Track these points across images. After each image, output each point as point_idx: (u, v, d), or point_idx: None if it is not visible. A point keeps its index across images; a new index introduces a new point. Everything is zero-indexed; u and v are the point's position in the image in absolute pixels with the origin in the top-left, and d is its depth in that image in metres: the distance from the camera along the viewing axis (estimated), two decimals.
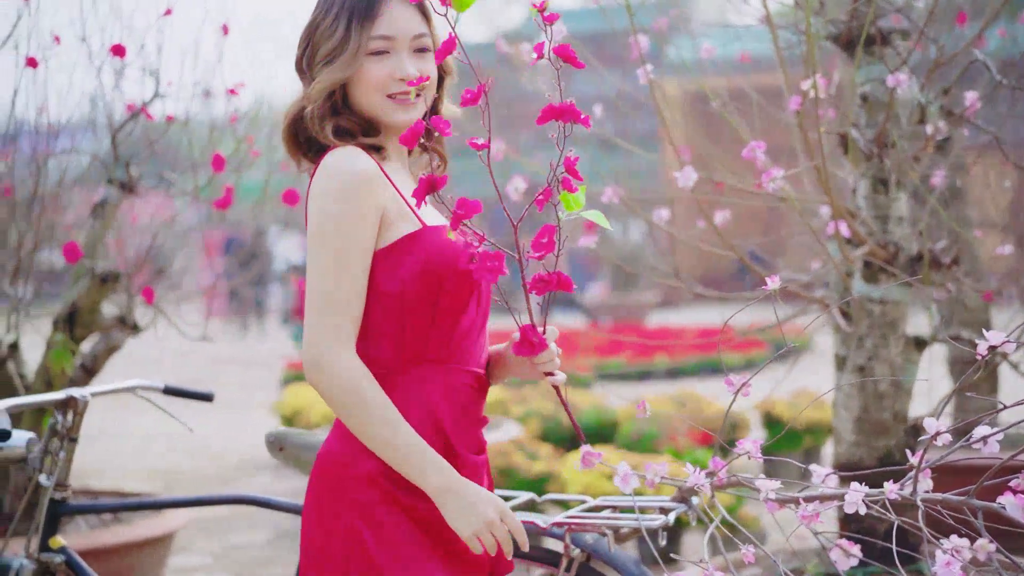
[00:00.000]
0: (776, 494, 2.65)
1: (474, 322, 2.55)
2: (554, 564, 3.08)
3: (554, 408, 9.14)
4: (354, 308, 2.43)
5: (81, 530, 5.42)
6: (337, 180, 2.43)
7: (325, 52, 2.52)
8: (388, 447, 2.39)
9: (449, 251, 2.46)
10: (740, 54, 5.41)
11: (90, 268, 5.28)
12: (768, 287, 2.53)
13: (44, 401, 3.48)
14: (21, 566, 3.47)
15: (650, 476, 2.78)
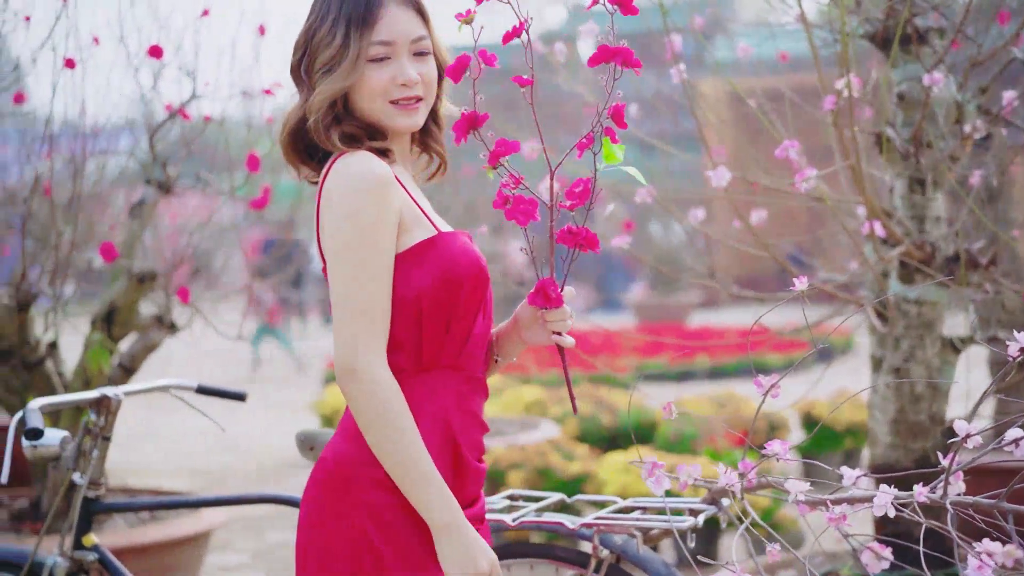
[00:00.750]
0: (806, 496, 2.63)
1: (483, 329, 2.55)
2: (583, 565, 3.08)
3: (592, 408, 9.12)
4: (384, 312, 2.40)
5: (119, 528, 5.45)
6: (356, 183, 2.41)
7: (324, 60, 2.49)
8: (403, 468, 2.36)
9: (465, 258, 2.47)
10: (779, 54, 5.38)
11: (127, 268, 5.31)
12: (797, 287, 2.50)
13: (77, 400, 3.50)
14: (55, 564, 3.50)
15: (682, 478, 2.76)
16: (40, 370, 5.29)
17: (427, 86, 2.54)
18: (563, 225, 2.44)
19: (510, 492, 3.33)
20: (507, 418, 9.05)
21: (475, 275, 2.47)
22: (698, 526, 2.93)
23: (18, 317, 5.16)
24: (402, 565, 2.43)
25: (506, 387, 10.54)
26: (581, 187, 2.43)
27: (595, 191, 2.42)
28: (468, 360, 2.51)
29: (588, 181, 2.42)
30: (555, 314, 2.51)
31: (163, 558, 5.23)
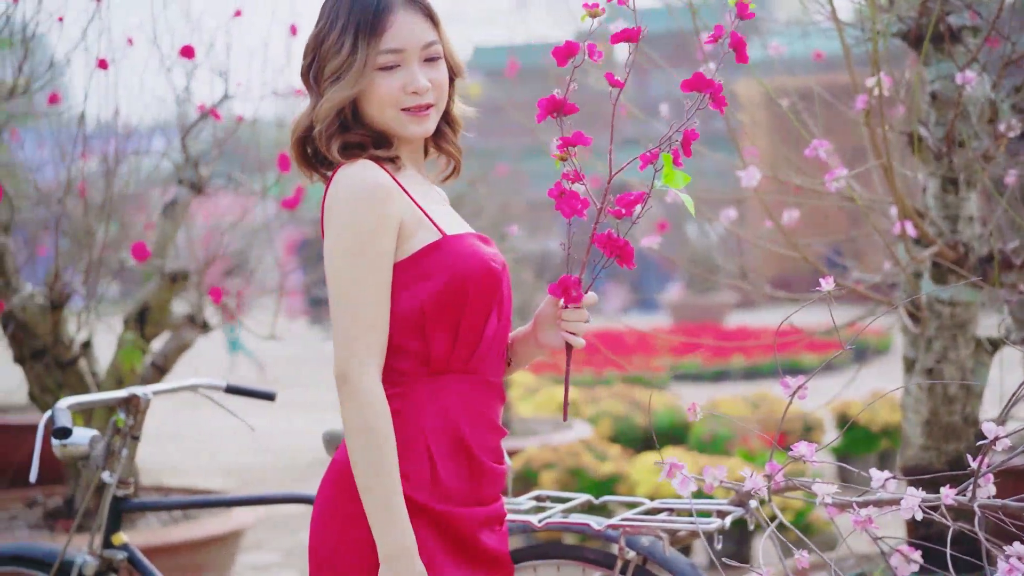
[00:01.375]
0: (833, 498, 2.60)
1: (497, 332, 2.53)
2: (610, 567, 3.06)
3: (626, 409, 9.10)
4: (380, 322, 2.41)
5: (151, 527, 5.48)
6: (352, 193, 2.41)
7: (332, 69, 2.47)
8: (370, 486, 2.36)
9: (472, 260, 2.46)
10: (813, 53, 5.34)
11: (160, 267, 5.33)
12: (823, 288, 2.48)
13: (106, 400, 3.51)
14: (84, 562, 3.51)
15: (708, 480, 2.74)
16: (73, 369, 5.32)
17: (438, 91, 2.53)
18: (606, 230, 2.43)
19: (537, 493, 3.32)
20: (540, 418, 9.06)
21: (482, 277, 2.45)
22: (725, 528, 2.91)
23: (52, 316, 5.19)
24: None
25: (540, 387, 10.54)
26: (634, 198, 2.42)
27: (645, 206, 2.41)
28: (481, 364, 2.50)
29: (642, 195, 2.42)
30: (572, 313, 2.49)
31: (194, 557, 5.25)
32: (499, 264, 2.54)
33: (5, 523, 5.54)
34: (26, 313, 5.16)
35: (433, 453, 2.45)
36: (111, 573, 3.55)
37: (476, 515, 2.50)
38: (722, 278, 5.48)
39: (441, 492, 2.46)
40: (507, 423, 8.39)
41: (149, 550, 4.95)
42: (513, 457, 7.01)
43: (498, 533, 2.58)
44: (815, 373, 2.71)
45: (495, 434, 2.56)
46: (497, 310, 2.52)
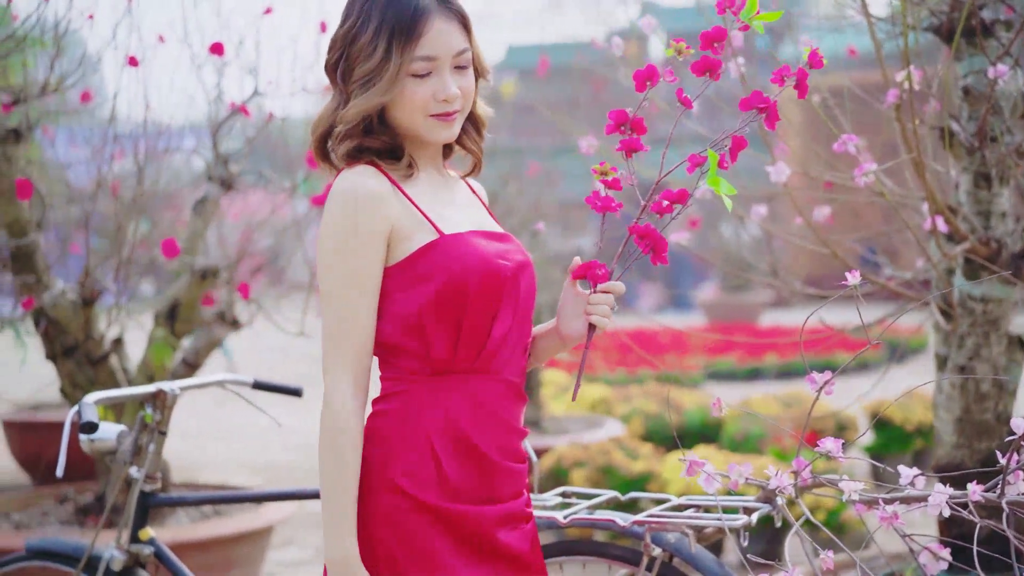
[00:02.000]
0: (860, 495, 2.58)
1: (510, 330, 2.51)
2: (636, 564, 3.04)
3: (658, 408, 9.07)
4: (357, 332, 2.43)
5: (181, 523, 5.49)
6: (338, 201, 2.43)
7: (363, 72, 2.44)
8: (328, 495, 2.41)
9: (470, 258, 2.44)
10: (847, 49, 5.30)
11: (190, 264, 5.35)
12: (849, 282, 2.46)
13: (133, 394, 3.52)
14: (112, 557, 3.52)
15: (733, 477, 2.71)
16: (104, 366, 5.35)
17: (466, 98, 2.53)
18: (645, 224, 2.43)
19: (563, 489, 3.30)
20: (572, 416, 9.04)
21: (484, 276, 2.44)
22: (751, 524, 2.88)
23: (83, 313, 5.21)
24: (418, 568, 2.43)
25: (570, 385, 10.50)
26: (676, 194, 2.43)
27: (687, 205, 2.42)
28: (491, 362, 2.49)
29: (684, 192, 2.43)
30: (598, 297, 2.48)
31: (225, 553, 5.26)
32: (510, 262, 2.51)
33: (37, 519, 5.57)
34: (57, 310, 5.18)
35: (437, 452, 2.45)
36: (138, 568, 3.56)
37: (489, 513, 2.48)
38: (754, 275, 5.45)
39: (449, 490, 2.45)
40: (538, 422, 8.40)
41: (179, 546, 4.99)
42: (544, 455, 7.00)
43: (520, 531, 2.55)
44: (843, 369, 2.68)
45: (510, 433, 2.53)
46: (511, 308, 2.50)
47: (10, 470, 9.71)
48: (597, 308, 2.48)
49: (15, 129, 5.05)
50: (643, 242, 2.43)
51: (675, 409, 9.07)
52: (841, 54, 5.09)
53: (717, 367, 14.50)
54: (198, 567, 5.11)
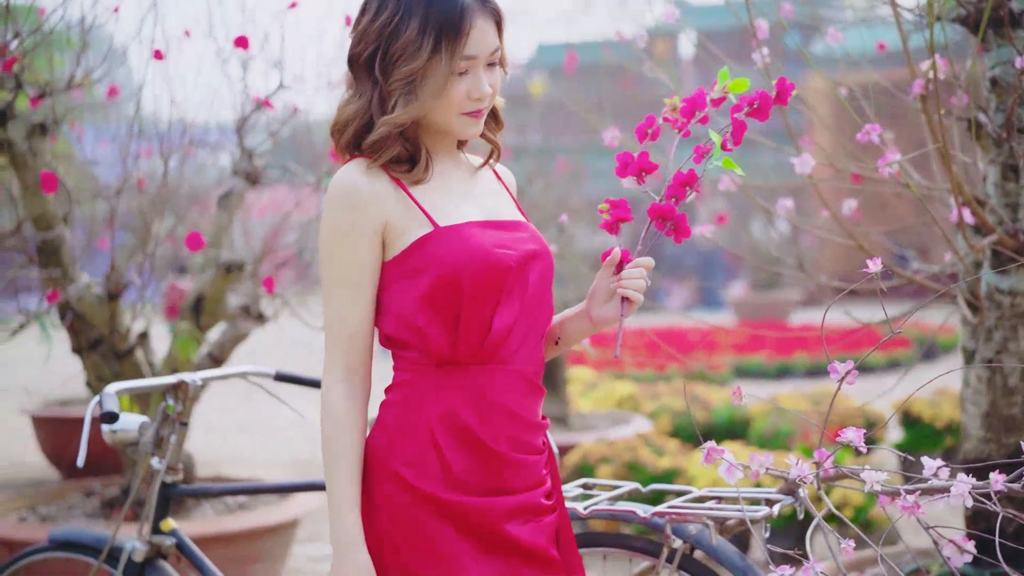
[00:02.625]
0: (882, 486, 2.55)
1: (516, 321, 2.49)
2: (656, 555, 3.02)
3: (685, 404, 9.04)
4: (348, 329, 2.46)
5: (207, 516, 5.50)
6: (330, 199, 2.46)
7: (409, 71, 2.41)
8: (329, 481, 2.44)
9: (468, 249, 2.42)
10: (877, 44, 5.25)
11: (215, 258, 5.35)
12: (871, 269, 2.43)
13: (155, 385, 3.52)
14: (133, 548, 3.52)
15: (754, 467, 2.69)
16: (130, 359, 5.36)
17: (494, 95, 2.53)
18: None
19: (584, 481, 3.28)
20: (599, 413, 9.02)
21: (481, 266, 2.42)
22: (773, 516, 2.86)
23: (109, 307, 5.23)
24: (420, 558, 2.43)
25: (599, 382, 10.49)
26: (686, 175, 2.46)
27: (697, 184, 2.45)
28: (495, 353, 2.47)
29: (692, 173, 2.46)
30: (630, 272, 2.48)
31: (249, 547, 5.27)
32: (515, 251, 2.49)
33: (64, 512, 5.59)
34: (83, 304, 5.20)
35: (439, 443, 2.45)
36: (160, 558, 3.56)
37: (498, 505, 2.46)
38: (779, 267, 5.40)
39: (453, 482, 2.44)
40: (564, 418, 8.39)
41: (204, 539, 5.00)
42: (569, 451, 6.98)
43: (535, 524, 2.52)
44: (864, 358, 2.65)
45: (520, 425, 2.51)
46: (517, 298, 2.49)
47: (40, 465, 9.77)
48: (630, 282, 2.48)
49: (41, 123, 5.07)
50: (663, 222, 2.45)
51: (703, 406, 9.03)
52: (871, 49, 5.05)
53: (746, 365, 14.46)
54: (222, 560, 5.12)
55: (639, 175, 2.48)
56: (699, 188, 2.45)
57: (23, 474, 9.60)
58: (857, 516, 6.06)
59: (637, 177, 2.48)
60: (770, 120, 2.57)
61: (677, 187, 2.45)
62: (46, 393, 9.65)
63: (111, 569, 3.58)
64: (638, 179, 2.48)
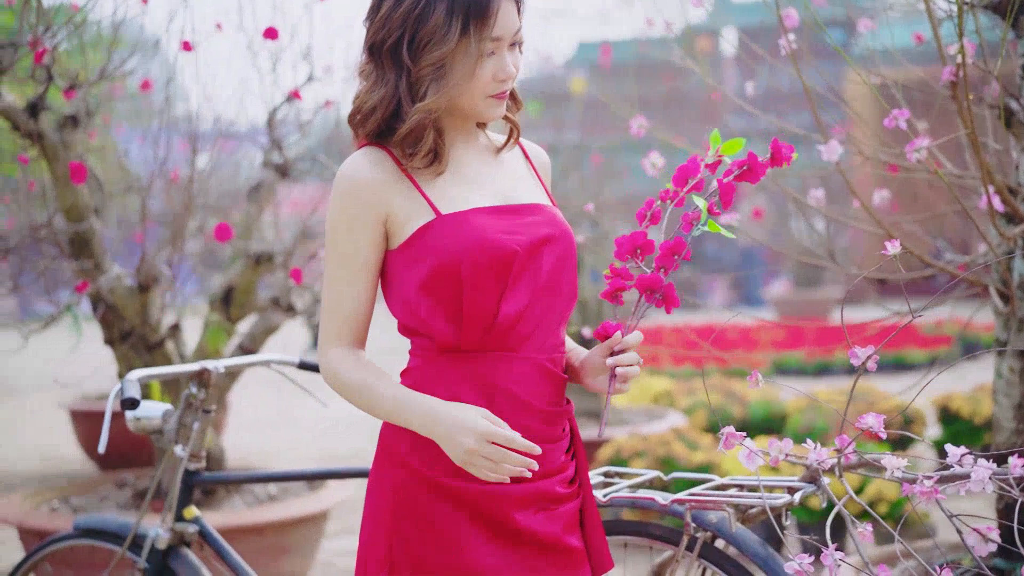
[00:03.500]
0: (903, 472, 2.51)
1: (528, 307, 2.46)
2: (677, 543, 2.98)
3: (722, 400, 8.99)
4: (343, 309, 2.48)
5: (237, 508, 5.51)
6: (336, 186, 2.47)
7: (438, 57, 2.38)
8: (381, 412, 2.44)
9: (468, 236, 2.40)
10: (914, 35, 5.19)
11: (245, 249, 5.36)
12: (888, 251, 2.39)
13: (177, 372, 3.52)
14: (156, 535, 3.53)
15: (773, 453, 2.66)
16: (161, 351, 5.38)
17: (517, 76, 2.51)
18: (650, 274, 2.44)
19: (606, 469, 3.26)
20: (634, 408, 8.99)
21: (479, 253, 2.39)
22: (794, 503, 2.82)
23: (140, 298, 5.25)
24: (430, 546, 2.41)
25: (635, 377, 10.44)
26: (673, 243, 2.47)
27: (686, 254, 2.46)
28: (505, 341, 2.44)
29: (679, 240, 2.45)
30: (622, 357, 2.47)
31: (280, 538, 5.27)
32: (525, 236, 2.46)
33: (95, 504, 5.62)
34: (115, 295, 5.22)
35: None
36: (183, 546, 3.57)
37: (505, 492, 2.43)
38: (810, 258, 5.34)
39: (458, 467, 2.41)
40: (599, 413, 8.35)
41: (235, 530, 5.02)
42: (603, 446, 6.95)
43: (549, 513, 2.49)
44: (885, 343, 2.62)
45: (530, 413, 2.47)
46: (527, 284, 2.45)
47: (78, 458, 9.84)
48: (623, 365, 2.47)
49: (72, 116, 5.09)
50: (652, 294, 2.44)
51: (739, 401, 8.98)
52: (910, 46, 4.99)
53: (785, 362, 14.38)
54: (253, 552, 5.14)
55: (635, 254, 2.47)
56: (688, 255, 2.44)
57: (61, 467, 9.67)
58: (892, 511, 6.01)
59: (633, 256, 2.47)
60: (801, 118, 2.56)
61: (666, 257, 2.44)
62: (81, 387, 9.72)
63: (135, 556, 3.59)
64: (635, 258, 2.47)
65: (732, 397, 9.11)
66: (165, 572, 3.55)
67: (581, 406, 8.34)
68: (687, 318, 22.20)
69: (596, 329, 2.51)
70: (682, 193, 2.46)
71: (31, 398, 14.69)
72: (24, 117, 4.96)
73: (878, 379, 12.31)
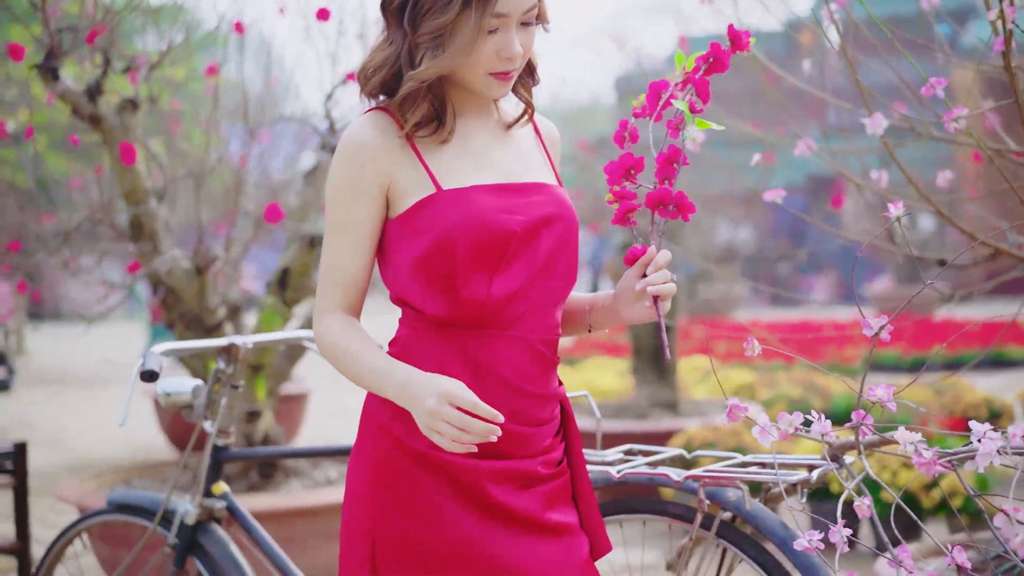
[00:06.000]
0: (916, 447, 2.41)
1: (523, 287, 2.39)
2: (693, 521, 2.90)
3: (802, 392, 8.83)
4: (342, 276, 2.43)
5: (295, 490, 5.52)
6: (338, 152, 2.41)
7: (437, 26, 2.31)
8: (365, 381, 2.39)
9: (465, 213, 2.34)
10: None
11: (299, 231, 5.36)
12: (891, 215, 2.30)
13: (204, 347, 3.51)
14: (186, 511, 3.53)
15: (783, 426, 2.57)
16: (218, 334, 5.40)
17: (526, 56, 2.42)
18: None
19: (628, 447, 3.18)
20: (713, 400, 8.87)
21: (476, 231, 2.33)
22: (811, 481, 2.72)
23: (197, 280, 5.27)
24: (412, 517, 2.36)
25: (717, 369, 10.32)
26: (668, 152, 2.39)
27: (683, 159, 2.38)
28: (496, 319, 2.38)
29: (675, 150, 2.38)
30: (655, 276, 2.39)
31: (335, 522, 5.26)
32: (524, 216, 2.39)
33: (158, 485, 5.66)
34: (172, 277, 5.25)
35: None
36: (212, 522, 3.56)
37: (484, 467, 2.37)
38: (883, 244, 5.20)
39: None
40: (675, 404, 8.25)
41: (291, 513, 5.02)
42: (674, 436, 6.86)
43: (532, 492, 2.43)
44: (899, 311, 2.52)
45: (517, 394, 2.41)
46: (523, 264, 2.39)
47: (163, 446, 9.98)
48: (656, 288, 2.39)
49: (132, 99, 5.13)
50: (664, 208, 2.38)
51: (821, 395, 8.82)
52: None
53: (879, 358, 14.12)
54: (307, 534, 5.14)
55: (628, 175, 2.40)
56: (686, 160, 2.37)
57: (148, 455, 9.81)
58: (967, 504, 5.84)
59: (627, 178, 2.40)
60: None
61: (664, 167, 2.37)
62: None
63: (165, 532, 3.59)
64: (629, 179, 2.40)
65: (813, 390, 8.95)
66: (194, 548, 3.55)
67: (657, 397, 8.25)
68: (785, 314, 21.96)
69: (624, 255, 2.45)
70: (657, 109, 2.39)
71: (121, 389, 14.97)
72: (83, 100, 5.01)
73: (976, 375, 12.03)
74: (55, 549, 3.87)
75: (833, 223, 14.83)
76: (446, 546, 2.36)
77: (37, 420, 12.82)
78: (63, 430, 11.98)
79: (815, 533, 2.37)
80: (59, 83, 4.89)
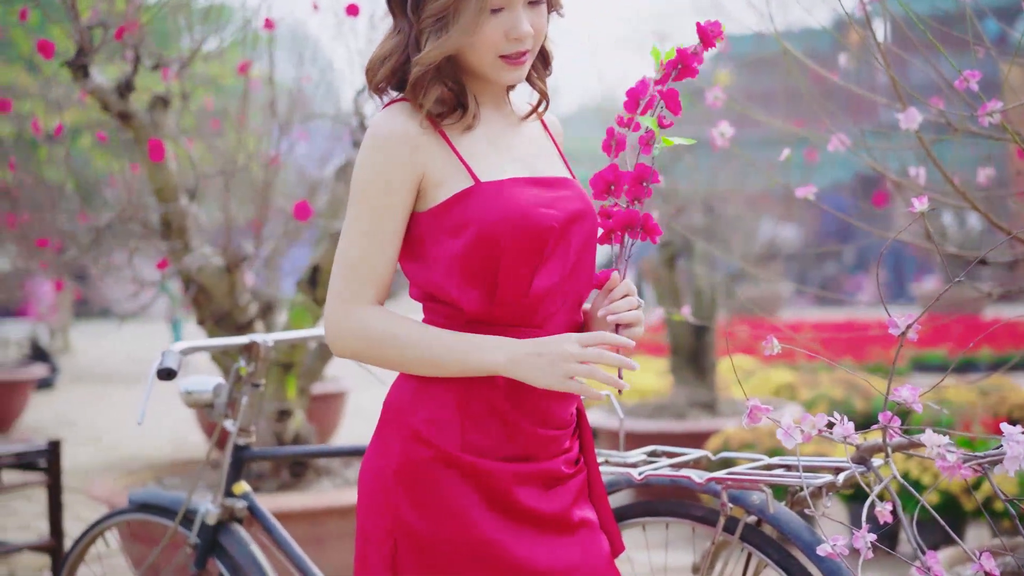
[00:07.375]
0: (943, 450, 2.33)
1: (556, 285, 2.33)
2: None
3: (844, 393, 8.72)
4: (375, 270, 2.30)
5: (325, 490, 5.49)
6: (368, 141, 2.32)
7: (438, 8, 2.26)
8: (430, 364, 2.28)
9: (506, 207, 2.26)
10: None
11: (329, 229, 5.32)
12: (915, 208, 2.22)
13: (225, 345, 3.48)
14: (207, 511, 3.49)
15: (806, 428, 2.50)
16: (249, 332, 5.37)
17: (537, 38, 2.36)
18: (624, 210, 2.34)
19: (652, 448, 3.12)
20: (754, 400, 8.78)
21: (519, 227, 2.26)
22: (837, 484, 2.65)
23: (228, 278, 5.25)
24: (437, 520, 2.30)
25: (756, 370, 10.23)
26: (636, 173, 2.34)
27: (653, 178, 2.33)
28: (532, 317, 2.33)
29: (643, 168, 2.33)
30: (618, 304, 2.33)
31: None
32: (559, 211, 2.33)
33: (187, 484, 5.64)
34: (203, 275, 5.23)
35: (463, 405, 2.32)
36: (233, 521, 3.53)
37: (509, 471, 2.32)
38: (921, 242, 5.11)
39: (468, 444, 2.31)
40: (713, 404, 8.17)
41: (319, 512, 4.99)
42: (712, 437, 6.78)
43: (555, 491, 2.38)
44: (925, 312, 2.44)
45: (546, 396, 2.36)
46: (559, 261, 2.33)
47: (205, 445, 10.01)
48: (620, 316, 2.32)
49: (162, 96, 5.11)
50: (633, 230, 2.33)
51: (863, 396, 8.70)
52: None
53: (925, 358, 13.97)
54: (337, 534, 5.11)
55: (609, 190, 2.35)
56: (657, 178, 2.31)
57: (191, 454, 9.82)
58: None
59: (608, 192, 2.35)
60: None
61: (635, 187, 2.31)
62: None
63: (187, 532, 3.56)
64: (611, 194, 2.35)
65: (855, 391, 8.83)
66: (215, 548, 3.52)
67: (695, 397, 8.17)
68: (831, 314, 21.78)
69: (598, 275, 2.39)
70: (636, 115, 2.33)
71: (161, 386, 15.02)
72: (114, 98, 4.99)
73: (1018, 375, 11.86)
74: (78, 548, 3.85)
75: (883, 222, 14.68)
76: (469, 547, 2.30)
77: (79, 418, 12.90)
78: (105, 427, 12.04)
79: (839, 538, 2.31)
80: (89, 80, 4.88)
